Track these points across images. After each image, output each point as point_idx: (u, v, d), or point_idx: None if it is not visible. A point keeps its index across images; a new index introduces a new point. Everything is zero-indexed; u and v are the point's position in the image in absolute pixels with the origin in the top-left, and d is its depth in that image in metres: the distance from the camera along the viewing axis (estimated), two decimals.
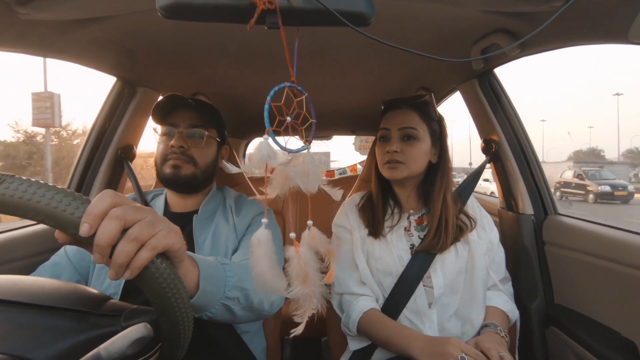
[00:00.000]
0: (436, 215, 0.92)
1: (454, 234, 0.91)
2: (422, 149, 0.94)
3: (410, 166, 0.94)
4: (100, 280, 0.82)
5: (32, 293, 0.44)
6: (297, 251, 0.41)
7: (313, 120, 0.43)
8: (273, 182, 0.40)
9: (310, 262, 0.41)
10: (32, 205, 0.35)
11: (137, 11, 0.75)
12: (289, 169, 0.40)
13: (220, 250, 0.88)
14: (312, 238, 0.43)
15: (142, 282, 0.39)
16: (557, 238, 1.05)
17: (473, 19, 0.81)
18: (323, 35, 0.90)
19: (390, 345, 0.85)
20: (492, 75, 1.14)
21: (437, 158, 0.98)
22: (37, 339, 0.38)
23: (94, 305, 0.45)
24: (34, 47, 0.81)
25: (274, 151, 0.39)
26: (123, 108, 1.19)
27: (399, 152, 0.94)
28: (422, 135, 0.94)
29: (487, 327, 0.88)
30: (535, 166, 1.14)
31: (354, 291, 0.94)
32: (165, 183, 0.92)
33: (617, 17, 0.64)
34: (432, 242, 0.90)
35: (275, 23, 0.39)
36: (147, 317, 0.45)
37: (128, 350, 0.39)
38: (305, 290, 0.40)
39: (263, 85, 1.31)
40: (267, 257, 0.40)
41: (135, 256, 0.38)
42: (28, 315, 0.41)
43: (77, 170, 1.16)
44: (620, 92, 51.25)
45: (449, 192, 0.95)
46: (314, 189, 0.42)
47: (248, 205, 0.99)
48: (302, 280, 0.40)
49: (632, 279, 0.81)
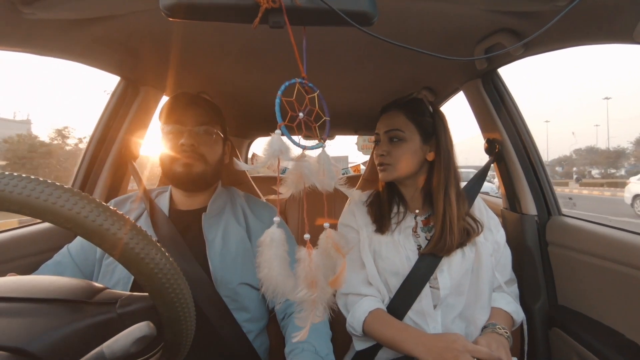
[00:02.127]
0: (439, 213, 0.91)
1: (460, 236, 0.91)
2: (408, 149, 0.95)
3: (397, 167, 0.95)
4: (107, 279, 0.83)
5: (26, 288, 0.45)
6: (310, 254, 0.39)
7: (327, 118, 0.42)
8: (287, 181, 0.39)
9: (321, 267, 0.39)
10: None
11: (141, 11, 0.75)
12: (304, 166, 0.38)
13: (231, 249, 0.88)
14: (328, 239, 0.41)
15: (125, 264, 0.39)
16: (561, 239, 1.05)
17: (477, 18, 0.81)
18: (326, 35, 0.90)
19: (396, 346, 0.85)
20: (496, 75, 1.14)
21: (434, 156, 0.96)
22: (32, 330, 0.38)
23: (88, 295, 0.45)
24: (38, 47, 0.81)
25: (286, 146, 0.37)
26: (126, 107, 1.19)
27: (386, 155, 0.96)
28: (409, 136, 0.95)
29: (486, 327, 0.88)
30: (538, 167, 1.13)
31: (360, 291, 0.94)
32: (176, 181, 0.91)
33: (622, 16, 0.64)
34: (438, 245, 0.89)
35: (278, 22, 0.39)
36: (143, 303, 0.45)
37: (131, 348, 0.39)
38: (312, 295, 0.38)
39: (266, 85, 1.31)
40: (279, 258, 0.38)
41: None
42: (22, 309, 0.41)
43: (81, 169, 1.17)
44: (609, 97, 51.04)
45: (452, 188, 0.93)
46: (330, 188, 0.40)
47: (262, 209, 1.00)
48: (310, 284, 0.38)
49: (636, 280, 0.81)
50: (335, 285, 0.39)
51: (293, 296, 0.38)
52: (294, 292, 0.38)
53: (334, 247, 0.41)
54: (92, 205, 0.37)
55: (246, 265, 0.88)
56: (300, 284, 0.38)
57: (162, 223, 0.89)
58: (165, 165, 0.91)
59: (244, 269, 0.87)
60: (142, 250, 0.39)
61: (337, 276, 0.40)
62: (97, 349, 0.38)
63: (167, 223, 0.89)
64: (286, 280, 0.37)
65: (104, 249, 0.38)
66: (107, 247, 0.38)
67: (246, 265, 0.88)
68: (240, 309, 0.86)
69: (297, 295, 0.38)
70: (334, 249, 0.41)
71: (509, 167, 1.16)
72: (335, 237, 0.41)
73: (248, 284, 0.88)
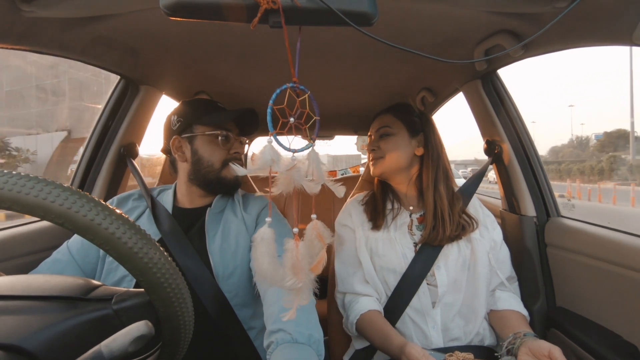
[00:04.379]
0: (430, 204, 0.94)
1: (453, 227, 0.92)
2: (396, 142, 1.01)
3: (387, 159, 1.01)
4: (111, 276, 0.83)
5: (22, 287, 0.45)
6: (297, 245, 0.42)
7: (317, 118, 0.43)
8: (278, 183, 0.41)
9: (306, 256, 0.43)
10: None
11: (141, 9, 0.75)
12: (293, 172, 0.41)
13: (231, 243, 0.88)
14: (313, 230, 0.45)
15: (119, 259, 0.39)
16: (559, 240, 1.05)
17: (476, 20, 0.81)
18: (325, 35, 0.90)
19: (383, 350, 0.87)
20: (495, 76, 1.14)
21: (422, 150, 1.02)
22: (27, 328, 0.38)
23: (84, 291, 0.45)
24: (38, 45, 0.81)
25: (278, 155, 0.40)
26: (126, 106, 1.19)
27: (377, 150, 1.03)
28: (396, 131, 1.02)
29: (526, 336, 0.82)
30: (537, 168, 1.14)
31: (357, 290, 0.94)
32: (221, 187, 0.95)
33: (621, 18, 0.64)
34: (431, 235, 0.92)
35: (278, 22, 0.39)
36: (139, 299, 0.45)
37: (129, 347, 0.39)
38: (299, 283, 0.42)
39: (266, 85, 1.31)
40: (268, 254, 0.42)
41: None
42: (17, 307, 0.41)
43: (80, 168, 1.17)
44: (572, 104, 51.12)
45: (441, 183, 0.97)
46: (316, 190, 0.43)
47: (254, 201, 1.00)
48: (295, 271, 0.42)
49: (634, 282, 0.81)
50: (315, 270, 0.43)
51: (282, 284, 0.42)
52: (283, 281, 0.42)
53: (317, 236, 0.44)
54: (83, 201, 0.37)
55: (245, 259, 0.88)
56: (287, 272, 0.42)
57: (165, 220, 0.89)
58: (212, 169, 0.92)
59: (243, 263, 0.87)
60: (135, 244, 0.39)
61: (317, 262, 0.44)
62: (95, 348, 0.38)
63: (169, 220, 0.89)
64: (275, 272, 0.42)
65: (96, 244, 0.38)
66: (99, 242, 0.38)
67: (245, 259, 0.88)
68: (243, 306, 0.86)
69: (286, 284, 0.42)
70: (318, 239, 0.44)
71: (508, 168, 1.16)
72: (320, 228, 0.45)
73: (248, 277, 0.88)
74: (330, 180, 0.45)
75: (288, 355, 0.61)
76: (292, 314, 0.44)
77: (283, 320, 0.44)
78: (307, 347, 0.63)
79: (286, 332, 0.64)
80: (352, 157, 18.51)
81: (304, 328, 0.65)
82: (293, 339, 0.63)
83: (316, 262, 0.44)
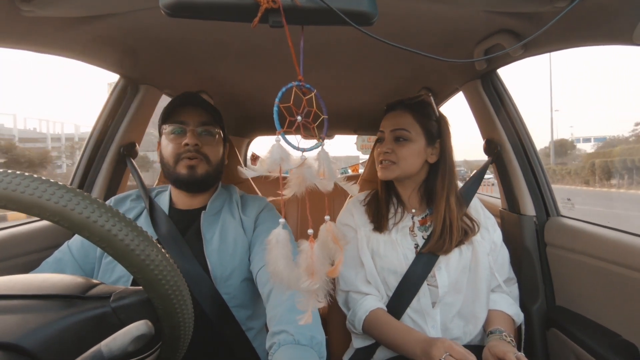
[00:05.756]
0: (440, 217, 0.93)
1: (459, 236, 0.92)
2: (413, 149, 0.95)
3: (401, 166, 0.96)
4: (107, 276, 0.83)
5: (20, 286, 0.45)
6: (312, 247, 0.42)
7: (325, 117, 0.43)
8: (290, 184, 0.41)
9: (321, 258, 0.42)
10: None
11: (141, 9, 0.75)
12: (305, 170, 0.40)
13: (229, 246, 0.88)
14: (328, 232, 0.44)
15: (116, 256, 0.39)
16: (559, 240, 1.05)
17: (476, 20, 0.81)
18: (325, 35, 0.90)
19: (394, 347, 0.86)
20: (495, 75, 1.14)
21: (435, 158, 0.98)
22: (25, 326, 0.38)
23: (82, 289, 0.45)
24: (37, 44, 0.81)
25: (287, 153, 0.39)
26: (126, 106, 1.19)
27: (391, 153, 0.96)
28: (414, 136, 0.95)
29: (493, 333, 0.87)
30: (537, 167, 1.14)
31: (361, 289, 0.94)
32: (179, 183, 0.90)
33: (621, 18, 0.64)
34: (437, 244, 0.91)
35: (278, 22, 0.39)
36: (138, 297, 0.44)
37: (129, 347, 0.39)
38: (315, 285, 0.41)
39: (266, 84, 1.31)
40: (284, 257, 0.41)
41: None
42: (15, 305, 0.41)
43: (80, 167, 1.16)
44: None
45: (453, 194, 0.95)
46: (329, 187, 0.42)
47: (252, 202, 0.99)
48: (310, 273, 0.41)
49: (633, 281, 0.81)
50: (332, 274, 0.43)
51: (297, 286, 0.41)
52: (299, 283, 0.41)
53: (333, 239, 0.43)
54: (78, 198, 0.37)
55: (243, 261, 0.88)
56: (302, 274, 0.41)
57: (162, 222, 0.89)
58: (168, 166, 0.90)
59: (241, 264, 0.87)
60: (131, 241, 0.39)
61: (335, 266, 0.43)
62: (95, 347, 0.38)
63: (166, 222, 0.88)
64: (291, 274, 0.41)
65: (93, 242, 0.38)
66: (96, 239, 0.37)
67: (243, 261, 0.88)
68: (241, 306, 0.86)
69: (302, 286, 0.41)
70: (332, 241, 0.43)
71: (507, 167, 1.16)
72: (334, 230, 0.44)
73: (246, 279, 0.88)
74: (342, 178, 0.44)
75: (290, 356, 0.61)
76: (307, 317, 0.43)
77: (300, 323, 0.43)
78: (309, 349, 0.63)
79: (288, 334, 0.64)
80: (351, 159, 18.59)
81: (306, 330, 0.65)
82: (295, 340, 0.63)
83: (334, 266, 0.43)
